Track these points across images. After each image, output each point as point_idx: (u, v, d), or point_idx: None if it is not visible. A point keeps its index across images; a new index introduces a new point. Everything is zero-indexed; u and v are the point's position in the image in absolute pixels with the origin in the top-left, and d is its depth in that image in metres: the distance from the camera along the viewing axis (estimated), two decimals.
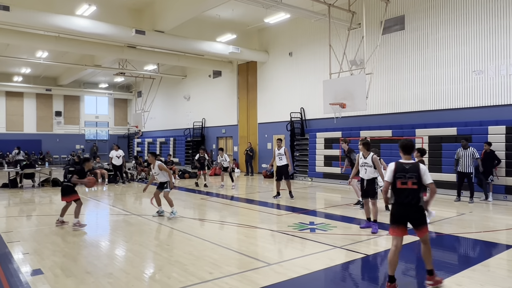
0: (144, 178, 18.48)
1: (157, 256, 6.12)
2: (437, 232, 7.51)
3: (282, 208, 10.39)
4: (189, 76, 27.45)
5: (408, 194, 4.59)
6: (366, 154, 7.76)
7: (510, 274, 5.23)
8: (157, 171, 9.09)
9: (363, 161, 7.76)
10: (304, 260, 5.74)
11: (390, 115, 14.86)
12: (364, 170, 7.75)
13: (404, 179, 4.61)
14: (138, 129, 28.60)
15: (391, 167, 4.73)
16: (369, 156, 7.71)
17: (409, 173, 4.61)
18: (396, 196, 4.66)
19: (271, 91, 20.48)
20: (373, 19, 14.47)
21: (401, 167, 4.67)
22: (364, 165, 7.75)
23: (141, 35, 15.86)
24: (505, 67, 11.93)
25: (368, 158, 7.71)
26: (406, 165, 4.68)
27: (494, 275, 5.14)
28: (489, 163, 10.86)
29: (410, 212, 4.64)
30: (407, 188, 4.59)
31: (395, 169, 4.68)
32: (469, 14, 12.71)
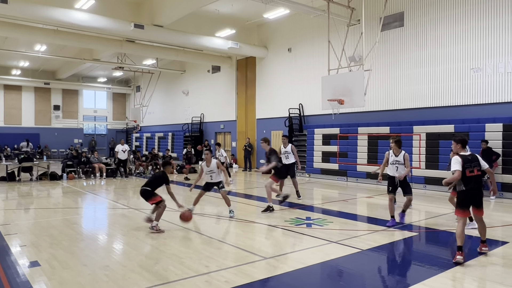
0: (142, 173, 18.50)
1: (153, 249, 6.15)
2: (433, 228, 7.56)
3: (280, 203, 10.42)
4: (188, 71, 27.40)
5: (476, 180, 5.45)
6: (398, 152, 7.72)
7: (504, 269, 5.28)
8: (214, 169, 8.37)
9: (395, 159, 7.71)
10: (300, 254, 5.78)
11: (388, 112, 14.88)
12: (396, 168, 7.69)
13: (470, 168, 5.43)
14: (137, 123, 28.60)
15: (459, 159, 5.43)
16: (401, 154, 7.69)
17: (473, 162, 5.48)
18: (465, 184, 5.42)
19: (270, 87, 20.47)
20: (372, 16, 14.45)
21: (465, 158, 5.46)
22: (395, 163, 7.69)
23: (140, 29, 15.82)
24: (503, 65, 11.94)
25: (400, 156, 7.68)
26: (469, 156, 5.51)
27: (488, 270, 5.19)
28: (487, 160, 10.89)
29: (477, 196, 5.53)
30: (474, 175, 5.43)
31: (462, 161, 5.41)
32: (468, 12, 12.70)
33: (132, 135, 32.75)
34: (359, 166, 15.07)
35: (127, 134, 34.64)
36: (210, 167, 8.42)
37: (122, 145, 17.29)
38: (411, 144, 13.38)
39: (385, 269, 5.52)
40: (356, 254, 5.82)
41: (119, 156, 16.99)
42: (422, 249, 6.60)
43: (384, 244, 6.35)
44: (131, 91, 34.55)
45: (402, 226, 7.61)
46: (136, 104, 28.53)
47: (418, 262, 5.77)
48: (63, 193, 13.00)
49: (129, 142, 33.20)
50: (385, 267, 5.62)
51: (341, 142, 15.88)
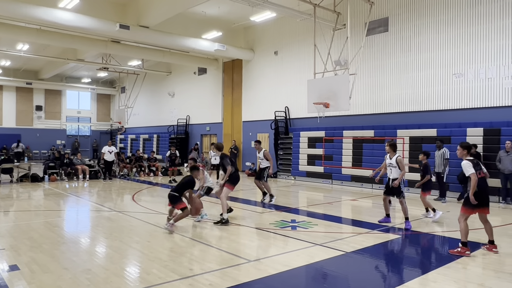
0: (126, 175, 18.29)
1: (137, 252, 6.07)
2: (416, 230, 7.67)
3: (265, 206, 10.43)
4: (173, 73, 27.24)
5: (482, 182, 5.94)
6: (392, 155, 8.02)
7: (483, 271, 5.38)
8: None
9: (389, 161, 8.05)
10: (285, 257, 5.79)
11: (373, 116, 15.06)
12: (390, 170, 8.04)
13: (479, 170, 5.94)
14: (121, 125, 28.26)
15: (470, 164, 5.89)
16: (394, 157, 7.97)
17: (478, 166, 5.98)
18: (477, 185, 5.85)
19: (256, 90, 20.50)
20: (358, 21, 14.63)
21: (473, 162, 5.94)
22: (389, 165, 8.04)
23: (125, 30, 15.67)
24: (484, 71, 12.22)
25: (393, 159, 7.97)
26: (474, 161, 6.01)
27: (469, 272, 5.29)
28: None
29: (485, 196, 6.02)
30: (481, 177, 5.90)
31: (473, 165, 5.89)
32: (450, 19, 12.97)
33: (116, 136, 32.34)
34: (344, 169, 15.19)
35: (112, 136, 34.18)
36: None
37: (109, 146, 17.06)
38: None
39: (368, 272, 5.56)
40: (340, 257, 5.85)
41: (105, 157, 16.75)
42: (405, 251, 6.68)
43: (368, 247, 6.40)
44: (116, 92, 34.17)
45: (385, 229, 7.70)
46: (121, 105, 28.21)
47: (400, 264, 5.85)
48: (45, 195, 12.74)
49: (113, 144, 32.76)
50: (369, 270, 5.67)
51: (327, 145, 16.00)
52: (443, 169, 11.39)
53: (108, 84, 34.74)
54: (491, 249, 6.14)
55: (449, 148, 11.65)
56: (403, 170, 7.89)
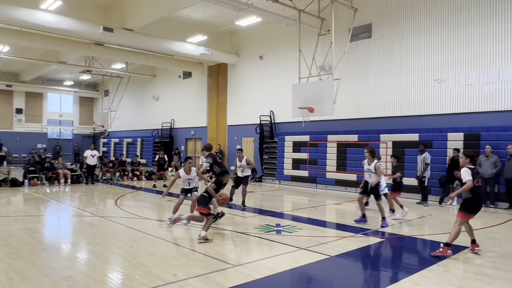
0: (109, 179, 18.02)
1: (119, 258, 5.98)
2: (399, 234, 7.76)
3: (249, 210, 10.41)
4: (158, 76, 27.04)
5: (480, 190, 6.31)
6: (371, 161, 8.39)
7: (464, 273, 5.47)
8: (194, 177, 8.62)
9: (367, 167, 8.44)
10: (269, 261, 5.78)
11: (357, 120, 15.23)
12: (369, 175, 8.42)
13: (477, 179, 6.28)
14: (104, 129, 27.88)
15: (469, 172, 6.18)
16: (373, 163, 8.34)
17: (477, 175, 6.35)
18: (474, 192, 6.17)
19: (241, 94, 20.52)
20: (342, 26, 14.80)
21: (472, 170, 6.22)
22: (368, 171, 8.43)
23: (109, 32, 15.49)
24: (464, 77, 12.51)
25: (372, 165, 8.34)
26: (474, 169, 6.31)
27: (450, 274, 5.37)
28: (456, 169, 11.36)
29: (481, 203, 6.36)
30: (479, 186, 6.27)
31: (472, 173, 6.18)
32: (432, 26, 13.24)
33: (99, 140, 31.86)
34: (328, 173, 15.30)
35: (94, 139, 33.68)
36: (190, 175, 8.58)
37: (91, 150, 16.77)
38: (378, 152, 13.71)
39: (352, 275, 5.60)
40: (324, 261, 5.88)
41: (87, 161, 16.46)
42: (388, 254, 6.75)
43: (352, 250, 6.45)
44: (99, 95, 33.70)
45: (369, 232, 7.77)
46: (104, 109, 27.83)
47: (383, 268, 5.90)
48: (24, 200, 12.45)
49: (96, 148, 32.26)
50: (352, 273, 5.70)
51: (311, 149, 16.10)
52: (424, 173, 11.58)
53: (91, 87, 34.25)
54: (473, 249, 6.33)
55: (431, 153, 11.87)
56: (379, 176, 8.34)
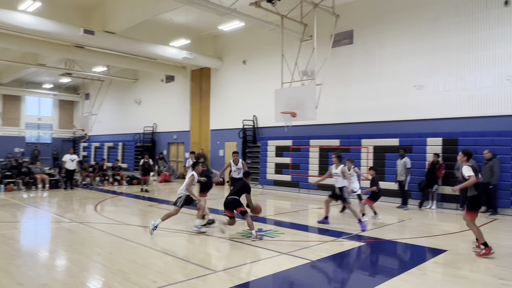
0: (89, 184, 17.68)
1: (98, 265, 5.85)
2: (380, 238, 7.84)
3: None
4: (140, 80, 26.77)
5: (481, 187, 6.56)
6: (338, 165, 8.87)
7: (443, 277, 5.56)
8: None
9: (335, 171, 8.86)
10: (251, 266, 5.76)
11: (339, 125, 15.37)
12: (336, 179, 8.88)
13: (478, 176, 6.53)
14: (85, 132, 27.35)
15: (470, 168, 6.45)
16: (340, 167, 8.81)
17: (477, 172, 6.62)
18: (476, 189, 6.43)
19: (224, 98, 20.48)
20: (324, 32, 14.93)
21: (473, 167, 6.49)
22: (335, 175, 8.87)
23: (90, 35, 15.25)
24: (443, 84, 12.79)
25: (338, 169, 8.81)
26: (475, 165, 6.65)
27: (429, 278, 5.46)
28: (435, 173, 11.59)
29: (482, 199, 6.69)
30: (480, 182, 6.55)
31: (472, 169, 6.42)
32: (411, 33, 13.52)
33: (79, 144, 31.26)
34: (310, 178, 15.37)
35: (74, 143, 33.01)
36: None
37: (70, 154, 16.43)
38: (360, 156, 13.90)
39: (332, 280, 5.63)
40: (306, 265, 5.89)
41: (66, 166, 16.09)
42: (368, 258, 6.81)
43: (333, 255, 6.48)
44: (80, 98, 33.12)
45: (350, 236, 7.83)
46: (84, 112, 27.35)
47: (363, 272, 5.95)
48: (0, 206, 12.08)
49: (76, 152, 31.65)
50: (333, 278, 5.74)
51: (294, 154, 16.17)
52: (405, 178, 11.78)
53: (71, 90, 33.64)
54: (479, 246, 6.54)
55: (410, 158, 12.07)
56: (347, 179, 8.85)
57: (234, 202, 7.70)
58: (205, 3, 12.81)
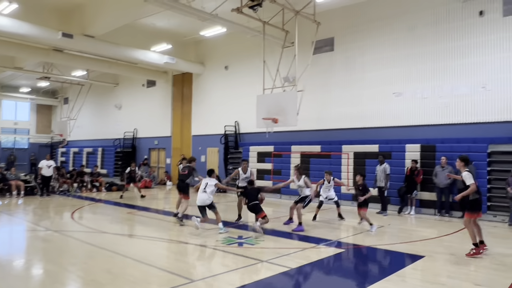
0: (66, 191, 17.26)
1: (72, 276, 5.68)
2: (359, 244, 7.87)
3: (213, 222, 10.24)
4: (121, 84, 26.41)
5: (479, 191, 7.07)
6: (299, 177, 9.43)
7: (421, 283, 5.59)
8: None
9: (298, 184, 9.42)
10: (229, 275, 5.68)
11: (320, 132, 15.47)
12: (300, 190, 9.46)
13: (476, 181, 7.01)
14: (63, 138, 26.79)
15: (471, 175, 6.97)
16: (302, 178, 9.38)
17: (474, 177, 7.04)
18: (478, 193, 6.97)
19: (206, 104, 20.39)
20: (305, 39, 15.06)
21: (472, 174, 7.01)
22: (298, 187, 9.50)
23: (68, 38, 14.98)
24: (421, 91, 13.04)
25: (301, 180, 9.37)
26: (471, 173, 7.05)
27: (407, 284, 5.48)
28: (414, 179, 11.75)
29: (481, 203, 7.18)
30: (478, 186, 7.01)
31: (472, 176, 6.97)
32: (390, 41, 13.76)
33: (57, 150, 30.58)
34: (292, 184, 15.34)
35: (52, 149, 32.28)
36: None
37: (47, 160, 15.99)
38: (340, 162, 14.01)
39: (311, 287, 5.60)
40: (285, 273, 5.84)
41: (43, 172, 15.66)
42: (347, 265, 6.82)
43: (313, 262, 6.47)
44: (58, 103, 32.41)
45: (330, 243, 7.84)
46: (63, 117, 26.77)
47: (343, 279, 5.95)
48: None
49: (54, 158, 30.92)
50: (312, 285, 5.71)
51: (275, 160, 16.17)
52: (385, 184, 11.91)
53: (50, 95, 32.91)
54: (482, 248, 6.97)
55: (390, 164, 12.22)
56: (310, 186, 9.43)
57: (256, 207, 8.71)
58: (187, 9, 12.76)
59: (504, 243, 8.29)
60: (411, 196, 11.82)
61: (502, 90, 11.53)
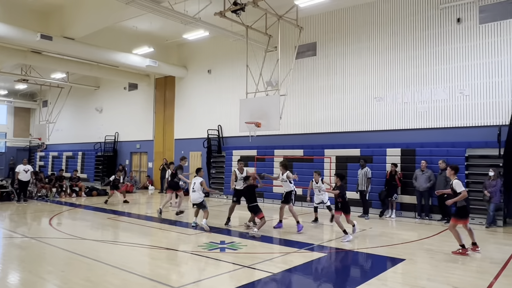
0: (45, 196, 16.84)
1: (48, 284, 5.53)
2: (339, 248, 7.92)
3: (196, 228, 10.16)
4: (102, 87, 26.01)
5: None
6: (284, 172, 9.86)
7: (402, 286, 5.65)
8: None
9: (282, 177, 9.85)
10: (210, 281, 5.63)
11: (302, 136, 15.56)
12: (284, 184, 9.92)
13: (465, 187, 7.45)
14: (42, 141, 26.17)
15: (461, 183, 7.32)
16: (285, 173, 9.81)
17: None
18: (466, 200, 7.27)
19: (189, 107, 20.26)
20: (288, 44, 15.18)
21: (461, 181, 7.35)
22: (282, 180, 9.89)
23: (47, 40, 14.66)
24: (401, 96, 13.27)
25: (284, 175, 9.80)
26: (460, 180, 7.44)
27: None
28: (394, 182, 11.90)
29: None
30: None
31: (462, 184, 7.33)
32: (371, 47, 13.97)
33: (36, 153, 29.89)
34: (275, 188, 15.40)
35: (30, 153, 31.53)
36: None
37: (24, 165, 15.57)
38: (323, 166, 14.09)
39: None
40: (267, 278, 5.82)
41: (19, 177, 15.23)
42: (329, 269, 6.84)
43: (295, 267, 6.46)
44: (37, 105, 31.69)
45: (312, 247, 7.86)
46: (42, 120, 26.17)
47: (324, 283, 5.96)
48: None
49: (32, 162, 30.19)
50: None
51: (258, 164, 16.16)
52: (366, 187, 12.04)
53: (28, 97, 32.13)
54: (475, 249, 7.43)
55: (371, 168, 12.37)
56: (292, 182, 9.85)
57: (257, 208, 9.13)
58: (169, 12, 12.69)
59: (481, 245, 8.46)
60: (391, 199, 11.98)
61: (479, 96, 11.84)
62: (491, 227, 10.36)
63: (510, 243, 8.57)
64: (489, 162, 11.07)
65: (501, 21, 11.54)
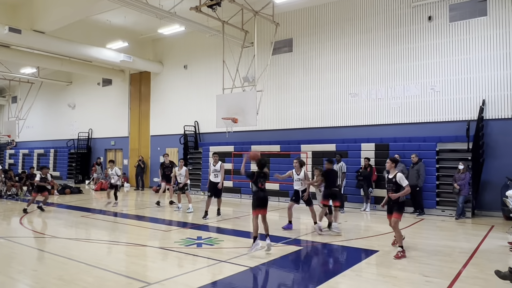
0: (15, 195, 16.31)
1: (18, 285, 5.38)
2: (315, 241, 8.04)
3: (173, 224, 10.10)
4: (74, 83, 25.34)
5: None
6: (299, 170, 9.37)
7: (376, 277, 5.79)
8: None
9: (297, 177, 9.35)
10: (187, 277, 5.61)
11: (279, 131, 15.66)
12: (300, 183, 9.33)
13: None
14: (11, 139, 25.31)
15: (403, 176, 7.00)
16: (302, 172, 9.36)
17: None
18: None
19: (165, 103, 20.02)
20: (264, 40, 15.20)
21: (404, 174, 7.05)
22: (298, 180, 9.38)
23: (16, 33, 14.17)
24: (375, 92, 13.54)
25: (301, 174, 9.33)
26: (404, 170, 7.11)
27: (362, 279, 5.65)
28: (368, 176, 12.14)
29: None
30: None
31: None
32: (346, 44, 14.18)
33: (5, 151, 28.86)
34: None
35: None
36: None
37: None
38: None
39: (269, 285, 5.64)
40: (244, 272, 5.85)
41: None
42: (305, 262, 6.94)
43: (271, 260, 6.52)
44: (6, 101, 30.53)
45: (289, 241, 7.94)
46: (11, 117, 25.28)
47: (299, 276, 6.05)
48: None
49: (1, 160, 29.16)
50: (270, 283, 5.76)
51: (236, 160, 16.15)
52: (341, 182, 12.19)
53: None
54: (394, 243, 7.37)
55: (346, 162, 12.56)
56: (309, 180, 9.39)
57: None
58: (143, 6, 12.47)
59: (451, 235, 8.78)
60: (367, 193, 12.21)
61: (449, 92, 12.21)
62: (461, 218, 10.73)
63: (478, 233, 8.91)
64: (459, 156, 11.46)
65: (470, 19, 11.93)
